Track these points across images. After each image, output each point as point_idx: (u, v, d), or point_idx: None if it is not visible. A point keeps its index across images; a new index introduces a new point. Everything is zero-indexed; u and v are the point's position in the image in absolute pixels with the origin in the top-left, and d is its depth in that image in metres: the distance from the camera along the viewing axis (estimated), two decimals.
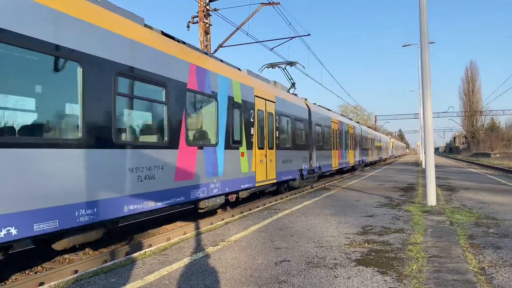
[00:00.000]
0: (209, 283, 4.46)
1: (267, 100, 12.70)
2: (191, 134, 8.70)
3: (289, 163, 14.61)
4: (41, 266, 6.69)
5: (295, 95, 17.82)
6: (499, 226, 7.33)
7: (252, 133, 11.39)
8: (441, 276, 4.52)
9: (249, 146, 11.28)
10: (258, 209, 10.32)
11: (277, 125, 13.42)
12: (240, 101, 10.81)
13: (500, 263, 5.03)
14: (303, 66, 19.12)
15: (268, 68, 18.15)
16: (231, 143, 10.31)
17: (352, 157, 30.36)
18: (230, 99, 10.33)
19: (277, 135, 13.36)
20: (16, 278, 6.07)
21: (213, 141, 9.45)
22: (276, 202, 11.78)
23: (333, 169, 22.38)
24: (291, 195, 14.99)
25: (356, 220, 8.16)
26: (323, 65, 27.40)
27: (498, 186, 15.36)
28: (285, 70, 18.06)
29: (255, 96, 11.81)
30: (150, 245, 7.64)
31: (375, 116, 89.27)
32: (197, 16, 18.23)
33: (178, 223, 10.24)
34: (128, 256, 5.87)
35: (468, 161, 54.03)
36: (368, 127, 48.95)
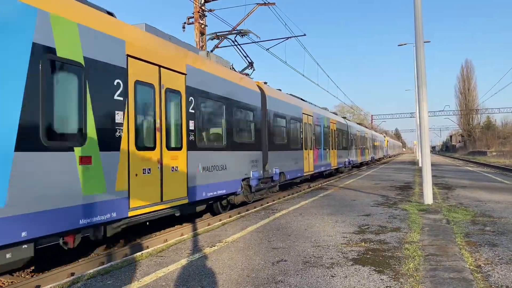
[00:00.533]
0: (206, 284, 4.45)
1: (333, 122, 11.76)
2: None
3: (220, 170, 10.11)
4: (37, 269, 6.66)
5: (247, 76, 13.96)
6: (496, 223, 7.36)
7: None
8: (438, 274, 4.53)
9: (329, 148, 10.61)
10: (255, 209, 10.31)
11: (191, 111, 8.89)
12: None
13: (496, 260, 5.05)
14: (257, 36, 15.75)
15: (213, 39, 14.85)
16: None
17: (335, 158, 25.39)
18: None
19: (191, 128, 8.85)
20: (12, 282, 6.04)
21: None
22: (274, 202, 11.78)
23: (305, 174, 17.62)
24: (288, 195, 15.00)
25: (353, 219, 8.17)
26: (319, 65, 27.35)
27: (494, 184, 15.42)
28: (235, 43, 14.39)
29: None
30: (147, 247, 7.62)
31: (371, 115, 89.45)
32: (193, 17, 18.21)
33: (176, 225, 10.22)
34: (124, 258, 5.86)
35: (464, 160, 54.26)
36: (359, 123, 44.35)
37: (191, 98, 8.88)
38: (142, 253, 5.98)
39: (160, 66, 7.84)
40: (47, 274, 6.08)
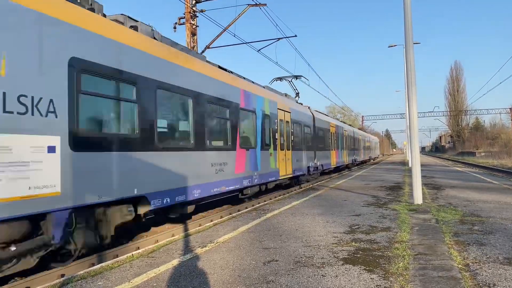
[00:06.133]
0: (197, 284, 4.45)
1: (285, 111, 15.58)
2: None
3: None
4: (27, 270, 6.59)
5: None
6: (484, 223, 7.46)
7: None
8: (427, 273, 4.59)
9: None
10: (246, 210, 10.32)
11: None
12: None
13: (484, 259, 5.12)
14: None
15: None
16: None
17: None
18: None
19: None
20: (1, 284, 5.96)
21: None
22: (265, 202, 11.80)
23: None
24: (279, 195, 15.03)
25: (344, 219, 8.22)
26: (310, 66, 27.57)
27: (483, 184, 15.62)
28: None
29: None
30: (138, 248, 7.58)
31: (362, 116, 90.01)
32: (184, 17, 18.16)
33: (167, 226, 10.19)
34: (115, 259, 5.83)
35: (453, 160, 54.85)
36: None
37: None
38: (133, 254, 5.96)
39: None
40: (37, 275, 6.02)
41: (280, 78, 20.86)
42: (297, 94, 21.06)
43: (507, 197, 11.13)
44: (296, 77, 20.88)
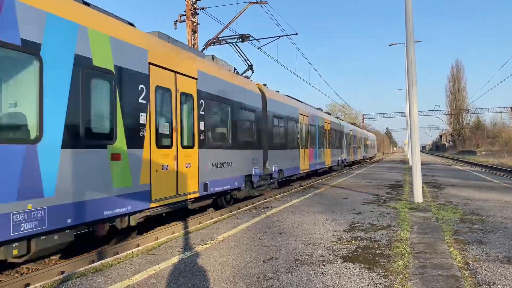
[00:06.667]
0: (197, 281, 4.46)
1: (180, 73, 8.73)
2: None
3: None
4: (26, 267, 6.61)
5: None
6: (484, 222, 7.46)
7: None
8: (427, 271, 4.59)
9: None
10: (247, 207, 10.33)
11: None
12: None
13: (484, 258, 5.12)
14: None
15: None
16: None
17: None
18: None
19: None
20: (1, 280, 5.98)
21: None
22: (265, 200, 11.80)
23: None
24: (280, 193, 15.04)
25: (344, 217, 8.22)
26: (311, 64, 27.49)
27: (483, 183, 15.61)
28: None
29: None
30: (138, 245, 7.59)
31: (363, 114, 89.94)
32: (185, 15, 18.15)
33: (167, 223, 10.20)
34: (115, 256, 5.84)
35: (454, 159, 54.85)
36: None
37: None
38: (133, 251, 5.97)
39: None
40: (37, 272, 6.04)
41: (219, 41, 15.58)
42: (250, 66, 15.14)
43: (507, 196, 11.12)
44: (242, 38, 15.23)
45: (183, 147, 8.68)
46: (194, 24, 18.24)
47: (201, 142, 9.42)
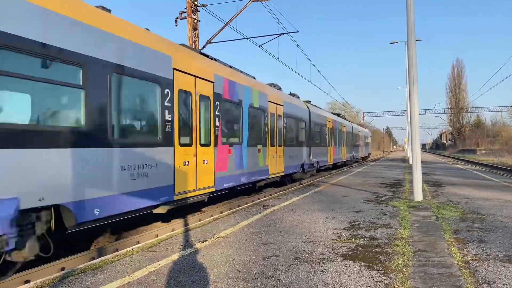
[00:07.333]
0: (197, 279, 4.46)
1: (199, 77, 9.83)
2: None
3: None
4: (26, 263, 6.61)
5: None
6: (484, 221, 7.46)
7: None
8: (427, 270, 4.59)
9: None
10: (247, 205, 10.33)
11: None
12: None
13: (484, 256, 5.12)
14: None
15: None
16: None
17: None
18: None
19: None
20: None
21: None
22: (265, 198, 11.81)
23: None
24: (280, 191, 15.05)
25: (344, 215, 8.22)
26: (312, 62, 27.44)
27: (483, 181, 15.62)
28: None
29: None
30: (138, 242, 7.60)
31: (363, 113, 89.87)
32: (185, 12, 18.10)
33: (169, 220, 10.20)
34: (115, 253, 5.84)
35: (454, 158, 54.82)
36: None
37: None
38: (133, 248, 5.97)
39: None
40: (37, 268, 6.04)
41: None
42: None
43: (507, 195, 11.12)
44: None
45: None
46: (195, 21, 18.21)
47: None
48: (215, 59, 11.63)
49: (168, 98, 8.20)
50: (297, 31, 19.55)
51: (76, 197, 5.80)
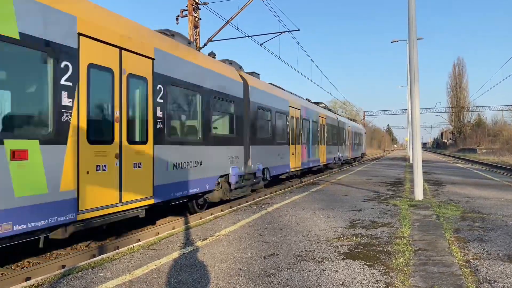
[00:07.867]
0: (197, 277, 4.46)
1: (128, 50, 7.15)
2: None
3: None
4: (27, 261, 6.63)
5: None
6: (484, 220, 7.46)
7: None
8: (427, 269, 4.59)
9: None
10: (247, 203, 10.33)
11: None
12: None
13: (484, 256, 5.12)
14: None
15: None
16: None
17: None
18: None
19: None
20: (1, 274, 6.00)
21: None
22: (266, 196, 11.81)
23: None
24: (280, 190, 15.05)
25: (344, 214, 8.22)
26: (313, 61, 27.42)
27: (483, 181, 15.60)
28: None
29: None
30: (139, 240, 7.61)
31: (364, 111, 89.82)
32: (186, 10, 18.08)
33: (168, 218, 10.21)
34: (116, 251, 5.84)
35: (455, 157, 54.79)
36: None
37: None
38: (133, 246, 5.97)
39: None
40: (38, 266, 6.05)
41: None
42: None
43: (508, 194, 11.12)
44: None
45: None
46: (196, 19, 18.18)
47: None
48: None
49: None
50: (298, 29, 19.51)
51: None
